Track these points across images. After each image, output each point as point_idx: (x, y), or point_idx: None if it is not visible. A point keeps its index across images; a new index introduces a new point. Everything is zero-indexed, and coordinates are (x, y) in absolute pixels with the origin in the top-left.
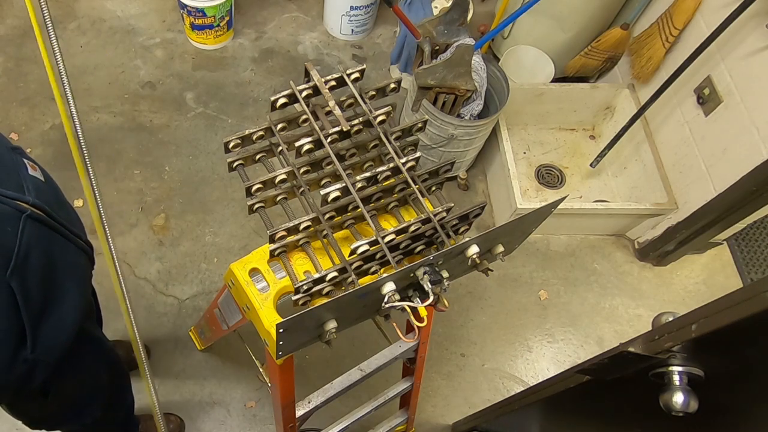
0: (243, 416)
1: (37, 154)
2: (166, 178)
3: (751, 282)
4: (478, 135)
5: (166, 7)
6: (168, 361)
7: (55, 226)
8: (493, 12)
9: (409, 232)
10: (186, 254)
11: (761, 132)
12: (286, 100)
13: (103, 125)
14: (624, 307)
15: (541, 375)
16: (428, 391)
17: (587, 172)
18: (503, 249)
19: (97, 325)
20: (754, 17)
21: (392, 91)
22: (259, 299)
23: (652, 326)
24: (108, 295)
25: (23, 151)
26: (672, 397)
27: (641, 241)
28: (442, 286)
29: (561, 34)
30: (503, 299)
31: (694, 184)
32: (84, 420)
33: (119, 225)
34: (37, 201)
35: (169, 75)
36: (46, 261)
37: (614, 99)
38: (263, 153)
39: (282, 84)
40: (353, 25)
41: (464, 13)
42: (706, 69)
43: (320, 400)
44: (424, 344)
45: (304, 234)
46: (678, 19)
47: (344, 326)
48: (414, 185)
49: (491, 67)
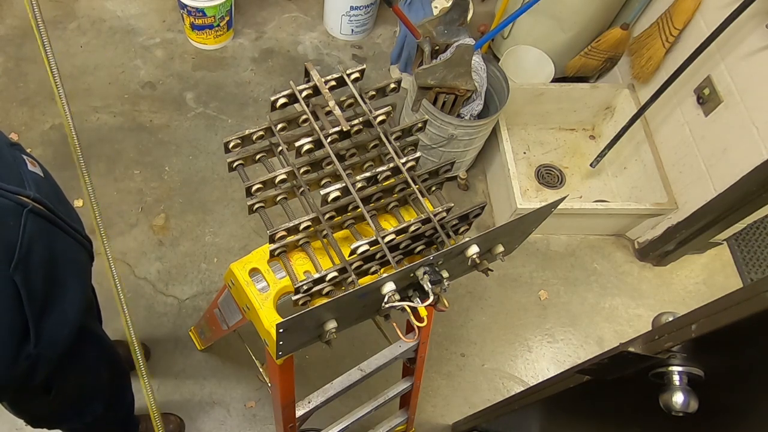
0: (243, 416)
1: (37, 154)
2: (166, 178)
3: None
4: (478, 135)
5: (166, 7)
6: (168, 361)
7: (55, 221)
8: (493, 12)
9: (409, 232)
10: (186, 254)
11: (761, 132)
12: (286, 100)
13: (103, 125)
14: (624, 307)
15: (541, 375)
16: (428, 391)
17: (587, 172)
18: (503, 249)
19: (98, 323)
20: (754, 17)
21: (392, 91)
22: (259, 299)
23: (652, 326)
24: (108, 295)
25: (22, 148)
26: (672, 397)
27: (641, 241)
28: (442, 286)
29: (561, 34)
30: (503, 299)
31: (694, 184)
32: (85, 418)
33: (119, 225)
34: (37, 196)
35: (169, 75)
36: (48, 255)
37: (614, 99)
38: (263, 153)
39: (282, 84)
40: (353, 25)
41: (464, 13)
42: (706, 69)
43: (320, 400)
44: (424, 344)
45: (304, 234)
46: (678, 19)
47: (344, 326)
48: (414, 185)
49: (491, 67)
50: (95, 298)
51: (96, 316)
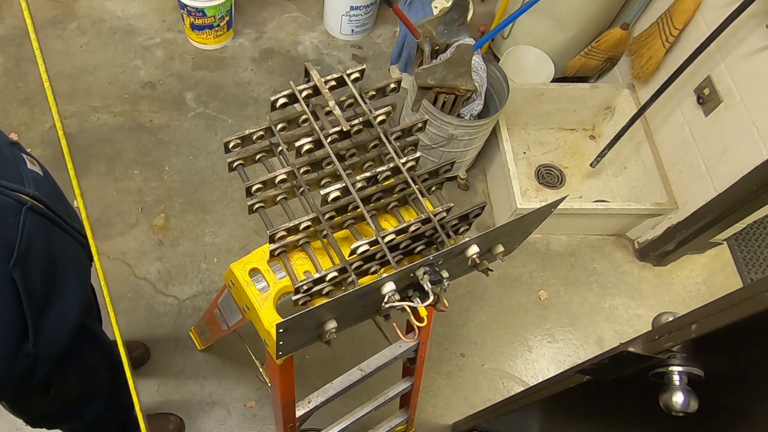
0: (243, 416)
1: (37, 154)
2: (166, 178)
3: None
4: (478, 135)
5: (166, 7)
6: (168, 361)
7: (55, 219)
8: (493, 12)
9: (409, 232)
10: (186, 254)
11: (761, 132)
12: (286, 100)
13: (103, 125)
14: (624, 307)
15: (541, 375)
16: (428, 391)
17: (587, 172)
18: (503, 249)
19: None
20: (754, 17)
21: (392, 91)
22: (259, 299)
23: (652, 326)
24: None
25: (21, 147)
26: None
27: (641, 241)
28: (442, 286)
29: (561, 34)
30: (503, 299)
31: (694, 184)
32: (85, 418)
33: (119, 225)
34: (37, 194)
35: (169, 75)
36: (47, 253)
37: (614, 99)
38: (263, 153)
39: (282, 84)
40: (353, 25)
41: (464, 13)
42: (706, 69)
43: (320, 400)
44: (424, 344)
45: (304, 234)
46: (678, 19)
47: (344, 326)
48: (414, 185)
49: (491, 67)
50: (95, 298)
51: (96, 316)
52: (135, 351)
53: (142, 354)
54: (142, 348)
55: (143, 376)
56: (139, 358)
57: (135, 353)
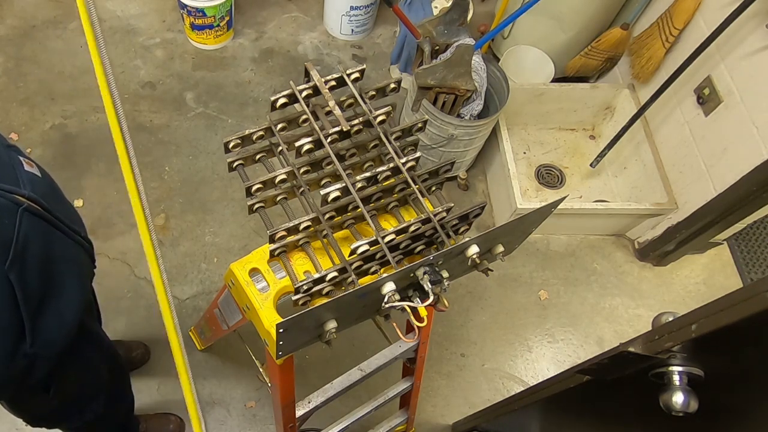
0: (243, 416)
1: (37, 155)
2: (166, 178)
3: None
4: (478, 135)
5: (166, 7)
6: (168, 361)
7: (52, 220)
8: (493, 12)
9: (409, 232)
10: (186, 254)
11: (761, 132)
12: (286, 100)
13: (104, 125)
14: (624, 307)
15: (541, 375)
16: (428, 391)
17: (587, 172)
18: (503, 249)
19: (98, 323)
20: (754, 17)
21: (392, 91)
22: (259, 299)
23: (652, 326)
24: (108, 295)
25: (19, 149)
26: (672, 397)
27: (641, 241)
28: (442, 286)
29: (561, 34)
30: (503, 299)
31: (694, 184)
32: (85, 417)
33: (119, 225)
34: (33, 195)
35: (169, 75)
36: (44, 254)
37: (614, 99)
38: (263, 153)
39: (282, 84)
40: (353, 25)
41: (464, 13)
42: (706, 69)
43: (320, 400)
44: (424, 344)
45: (304, 234)
46: (678, 19)
47: (344, 326)
48: (414, 185)
49: (491, 67)
50: (95, 299)
51: (95, 317)
52: (135, 351)
53: (142, 354)
54: (142, 348)
55: (143, 376)
56: (139, 358)
57: (135, 353)
